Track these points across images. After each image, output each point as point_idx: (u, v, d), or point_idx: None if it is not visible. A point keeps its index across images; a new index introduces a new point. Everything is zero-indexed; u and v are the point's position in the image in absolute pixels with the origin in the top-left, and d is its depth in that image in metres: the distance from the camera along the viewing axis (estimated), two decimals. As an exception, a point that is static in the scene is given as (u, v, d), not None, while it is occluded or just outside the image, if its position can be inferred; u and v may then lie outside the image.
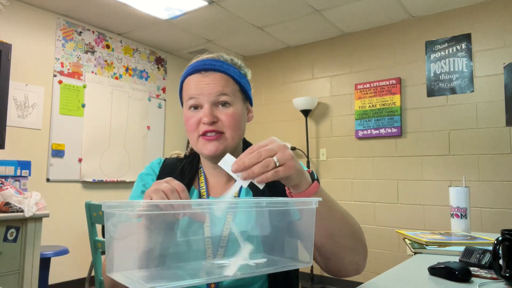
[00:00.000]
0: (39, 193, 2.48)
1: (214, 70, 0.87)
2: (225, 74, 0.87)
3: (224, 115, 0.85)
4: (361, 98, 3.77)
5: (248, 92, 0.93)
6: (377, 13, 3.47)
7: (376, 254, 3.57)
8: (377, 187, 3.62)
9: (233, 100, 0.87)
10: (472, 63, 3.24)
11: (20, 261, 2.32)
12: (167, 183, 0.66)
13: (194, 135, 0.87)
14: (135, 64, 4.25)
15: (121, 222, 0.58)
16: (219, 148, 0.85)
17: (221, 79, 0.86)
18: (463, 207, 1.57)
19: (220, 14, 3.51)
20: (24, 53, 3.33)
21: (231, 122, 0.86)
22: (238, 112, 0.87)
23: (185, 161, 0.98)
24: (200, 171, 0.96)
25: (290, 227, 0.67)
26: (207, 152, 0.86)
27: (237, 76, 0.89)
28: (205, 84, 0.85)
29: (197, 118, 0.86)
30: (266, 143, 0.65)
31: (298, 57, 4.30)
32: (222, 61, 0.89)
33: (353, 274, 0.83)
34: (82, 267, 3.57)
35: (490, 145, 3.11)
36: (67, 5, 3.42)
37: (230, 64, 0.90)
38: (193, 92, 0.86)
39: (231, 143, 0.87)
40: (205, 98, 0.85)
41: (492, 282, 0.83)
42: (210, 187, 0.93)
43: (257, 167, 0.61)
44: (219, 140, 0.85)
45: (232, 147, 0.88)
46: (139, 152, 4.18)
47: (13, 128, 3.21)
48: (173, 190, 0.64)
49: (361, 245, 0.80)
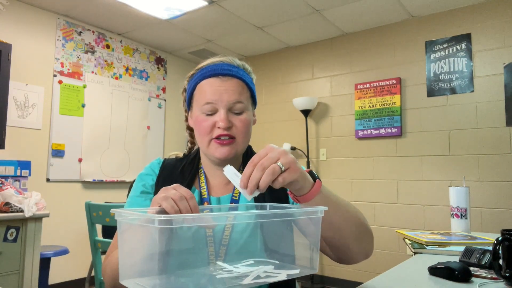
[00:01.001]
0: (39, 193, 2.48)
1: (231, 76, 0.89)
2: (241, 81, 0.90)
3: (238, 121, 0.88)
4: (361, 98, 3.77)
5: (256, 97, 0.97)
6: (377, 13, 3.47)
7: (376, 254, 3.57)
8: (377, 187, 3.62)
9: (246, 107, 0.90)
10: (472, 63, 3.23)
11: (20, 261, 2.32)
12: (175, 190, 0.66)
13: (206, 138, 0.88)
14: (135, 64, 4.25)
15: (134, 231, 0.60)
16: (231, 152, 0.88)
17: (238, 86, 0.89)
18: (463, 207, 1.58)
19: (220, 14, 3.51)
20: (24, 53, 3.33)
21: (244, 128, 0.88)
22: (249, 118, 0.91)
23: (185, 161, 0.98)
24: (200, 171, 0.96)
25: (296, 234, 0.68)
26: (219, 155, 0.87)
27: (250, 82, 0.93)
28: (223, 89, 0.87)
29: (211, 122, 0.87)
30: (265, 152, 0.66)
31: (298, 57, 4.30)
32: (238, 67, 0.91)
33: (363, 260, 0.84)
34: (82, 267, 3.58)
35: (490, 145, 3.11)
36: (67, 5, 3.42)
37: (244, 71, 0.93)
38: (210, 97, 0.87)
39: (241, 148, 0.90)
40: (222, 104, 0.86)
41: (492, 282, 0.83)
42: (211, 187, 0.94)
43: (263, 179, 0.63)
44: (231, 145, 0.88)
45: (241, 152, 0.91)
46: (139, 152, 4.18)
47: (13, 128, 3.21)
48: (182, 197, 0.64)
49: (367, 232, 0.81)
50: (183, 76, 1.01)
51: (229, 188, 0.94)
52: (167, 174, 0.95)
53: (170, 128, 4.54)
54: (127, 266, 0.60)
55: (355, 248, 0.80)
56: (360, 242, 0.80)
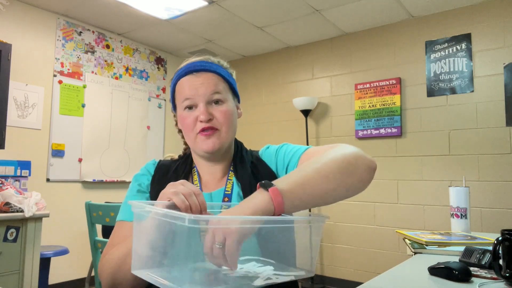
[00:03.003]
0: (39, 193, 2.48)
1: (205, 71, 0.92)
2: (216, 74, 0.92)
3: (218, 112, 0.90)
4: (361, 98, 3.77)
5: (236, 90, 0.99)
6: (377, 13, 3.47)
7: (376, 254, 3.57)
8: (377, 187, 3.62)
9: (226, 98, 0.92)
10: (472, 63, 3.23)
11: (20, 261, 2.32)
12: (183, 185, 0.67)
13: (191, 134, 0.91)
14: (135, 64, 4.25)
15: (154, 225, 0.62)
16: (217, 143, 0.90)
17: (213, 78, 0.92)
18: (463, 207, 1.58)
19: (220, 14, 3.51)
20: (24, 53, 3.33)
21: (225, 118, 0.90)
22: (230, 109, 0.93)
23: (179, 162, 1.01)
24: (193, 170, 0.99)
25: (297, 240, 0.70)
26: (206, 147, 0.90)
27: (226, 75, 0.94)
28: (199, 84, 0.90)
29: (193, 117, 0.90)
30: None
31: (298, 57, 4.30)
32: (211, 63, 0.94)
33: (362, 190, 0.78)
34: (82, 267, 3.58)
35: (490, 145, 3.11)
36: (67, 5, 3.42)
37: (218, 65, 0.95)
38: (187, 93, 0.91)
39: (226, 139, 0.92)
40: (200, 98, 0.90)
41: (492, 282, 0.83)
42: (204, 184, 0.97)
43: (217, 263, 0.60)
44: (215, 135, 0.90)
45: (227, 143, 0.93)
46: (139, 152, 4.18)
47: (13, 128, 3.21)
48: (191, 193, 0.66)
49: (354, 170, 0.75)
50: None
51: (222, 183, 0.95)
52: (161, 174, 0.97)
53: (170, 128, 4.54)
54: (140, 257, 0.63)
55: (348, 191, 0.75)
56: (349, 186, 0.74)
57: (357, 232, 3.70)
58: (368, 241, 3.64)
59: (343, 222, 3.79)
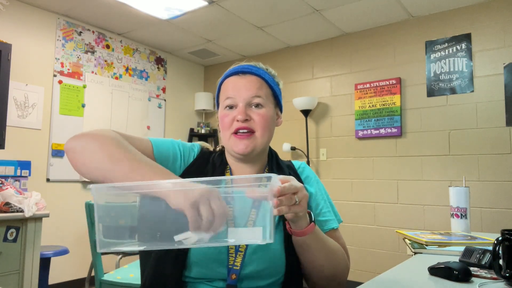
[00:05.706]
0: (39, 193, 2.48)
1: (250, 73, 0.95)
2: (260, 78, 0.95)
3: (256, 115, 0.92)
4: (361, 98, 3.77)
5: (279, 98, 1.01)
6: (377, 13, 3.47)
7: (376, 254, 3.57)
8: (377, 187, 3.62)
9: (266, 103, 0.94)
10: (472, 63, 3.23)
11: (20, 261, 2.32)
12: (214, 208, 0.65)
13: (227, 132, 0.93)
14: (135, 64, 4.25)
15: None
16: (249, 146, 0.91)
17: (256, 82, 0.94)
18: (463, 207, 1.58)
19: (220, 14, 3.51)
20: (24, 53, 3.33)
21: (262, 122, 0.92)
22: (269, 114, 0.95)
23: (214, 155, 1.01)
24: (227, 167, 1.00)
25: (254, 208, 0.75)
26: (238, 149, 0.91)
27: (270, 81, 0.97)
28: (242, 84, 0.93)
29: (231, 116, 0.92)
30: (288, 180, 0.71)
31: (298, 57, 4.30)
32: (258, 67, 0.98)
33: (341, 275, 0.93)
34: (82, 267, 3.57)
35: (490, 145, 3.11)
36: (67, 5, 3.42)
37: (265, 71, 0.98)
38: (230, 92, 0.94)
39: (260, 142, 0.92)
40: (241, 98, 0.92)
41: (492, 282, 0.83)
42: None
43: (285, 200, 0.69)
44: (249, 138, 0.91)
45: (261, 147, 0.93)
46: (139, 152, 4.18)
47: (13, 128, 3.21)
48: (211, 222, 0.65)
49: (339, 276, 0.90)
50: (183, 76, 1.03)
51: None
52: (201, 162, 0.97)
53: (170, 128, 4.54)
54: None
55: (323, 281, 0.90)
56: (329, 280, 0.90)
57: (357, 232, 3.70)
58: (368, 241, 3.64)
59: (343, 222, 3.79)
